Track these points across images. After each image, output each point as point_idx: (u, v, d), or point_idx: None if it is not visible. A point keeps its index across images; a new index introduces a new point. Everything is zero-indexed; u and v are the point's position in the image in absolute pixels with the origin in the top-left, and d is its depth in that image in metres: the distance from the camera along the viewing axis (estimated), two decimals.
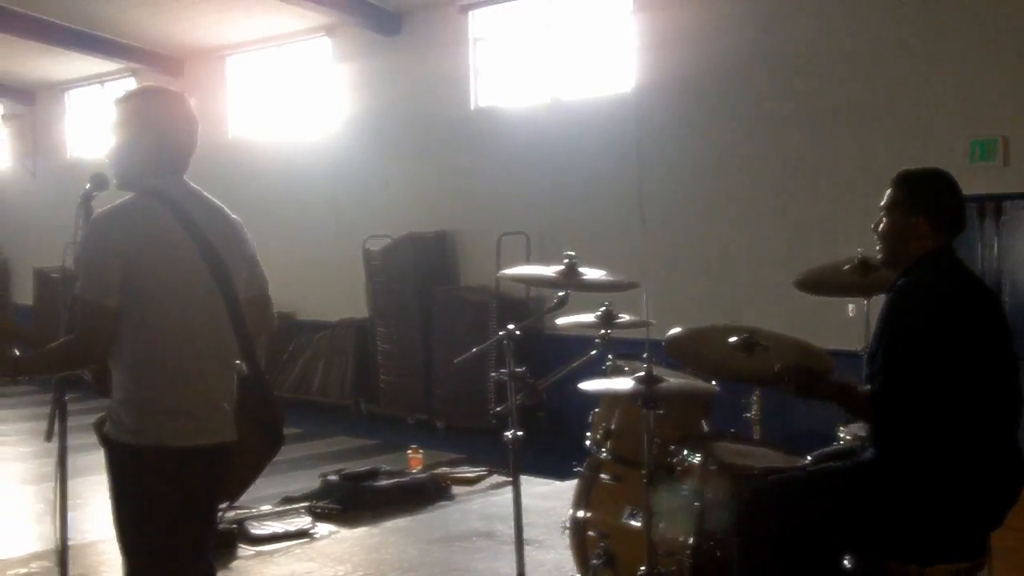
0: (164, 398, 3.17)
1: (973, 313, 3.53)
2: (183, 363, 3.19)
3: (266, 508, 6.74)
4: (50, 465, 3.68)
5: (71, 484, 3.70)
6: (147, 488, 3.16)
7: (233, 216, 3.41)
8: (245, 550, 6.09)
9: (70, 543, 3.83)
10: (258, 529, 6.32)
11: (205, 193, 3.37)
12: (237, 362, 3.33)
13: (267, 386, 3.49)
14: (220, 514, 3.45)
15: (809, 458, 4.13)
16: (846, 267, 4.88)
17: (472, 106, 11.52)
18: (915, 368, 3.40)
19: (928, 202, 3.60)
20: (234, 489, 3.42)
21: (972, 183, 7.41)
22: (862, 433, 4.03)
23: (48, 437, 3.57)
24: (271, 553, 6.05)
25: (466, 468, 8.07)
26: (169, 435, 3.16)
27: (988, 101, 7.98)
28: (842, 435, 4.55)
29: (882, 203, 3.70)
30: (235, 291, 3.29)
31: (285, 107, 13.63)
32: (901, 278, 3.63)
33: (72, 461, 3.67)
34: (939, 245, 3.60)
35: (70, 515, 3.75)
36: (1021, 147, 7.67)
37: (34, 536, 6.52)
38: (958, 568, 3.63)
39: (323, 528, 6.54)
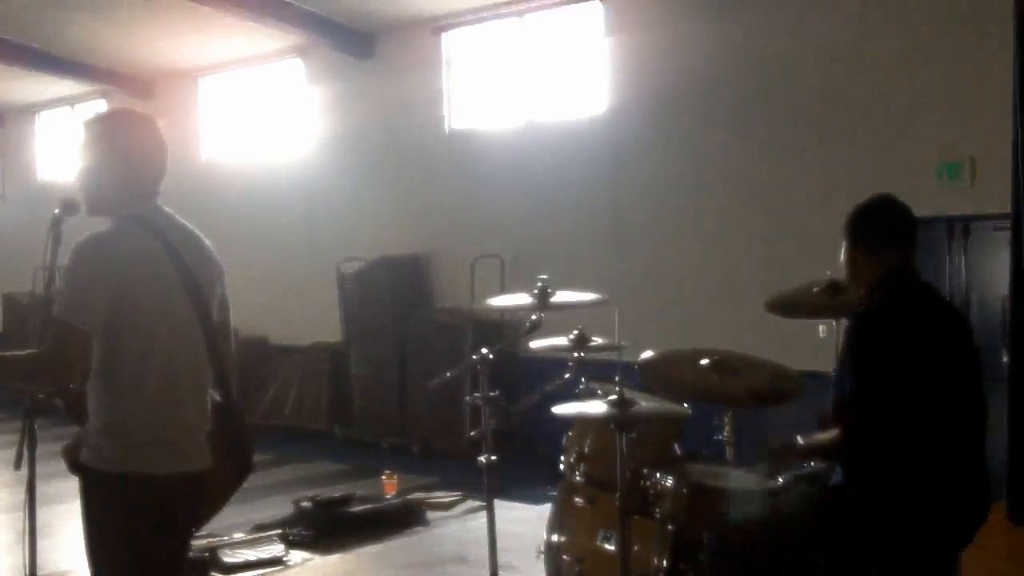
0: (145, 426, 3.15)
1: (938, 334, 3.57)
2: (164, 391, 3.17)
3: (238, 536, 6.68)
4: (19, 494, 3.64)
5: (40, 513, 3.67)
6: (124, 516, 3.13)
7: (206, 241, 3.40)
8: None
9: (40, 573, 3.79)
10: (230, 557, 6.27)
11: (178, 217, 3.35)
12: (211, 389, 3.32)
13: (241, 413, 3.47)
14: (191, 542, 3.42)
15: (781, 480, 4.14)
16: (816, 289, 4.92)
17: (446, 129, 11.52)
18: (882, 391, 3.43)
19: (860, 231, 3.79)
20: (203, 517, 3.39)
21: (940, 204, 7.48)
22: None
23: (17, 465, 3.54)
24: None
25: (441, 493, 8.05)
26: (148, 463, 3.13)
27: (956, 122, 8.05)
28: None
29: None
30: (211, 317, 3.29)
31: (258, 129, 13.60)
32: (862, 302, 3.68)
33: (42, 489, 3.63)
34: (893, 266, 3.67)
35: (40, 544, 3.71)
36: (988, 168, 7.73)
37: (3, 567, 6.44)
38: None
39: (296, 555, 6.50)
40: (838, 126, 8.69)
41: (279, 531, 6.84)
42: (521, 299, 4.66)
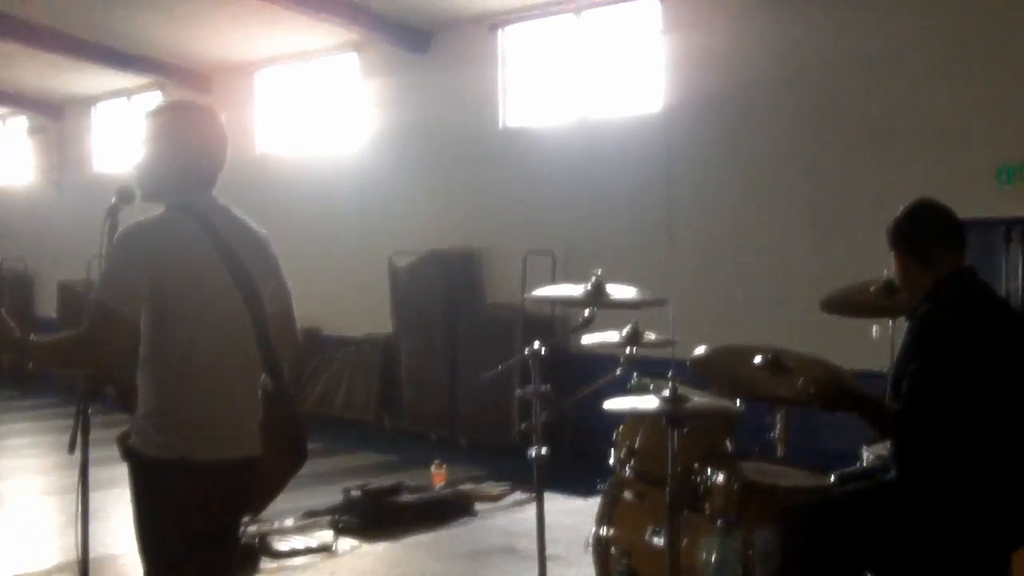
0: (191, 412, 3.18)
1: (996, 335, 3.53)
2: (211, 378, 3.20)
3: (288, 522, 6.76)
4: (72, 477, 3.71)
5: (93, 496, 3.73)
6: (171, 501, 3.16)
7: (261, 231, 3.42)
8: (267, 564, 6.10)
9: (91, 555, 3.85)
10: (280, 543, 6.34)
11: (234, 208, 3.38)
12: (263, 377, 3.34)
13: (292, 401, 3.50)
14: (242, 528, 3.45)
15: (833, 477, 4.12)
16: (872, 288, 4.87)
17: (500, 125, 11.54)
18: (940, 391, 3.39)
19: (905, 240, 3.74)
20: (257, 504, 3.42)
21: (998, 207, 7.38)
22: (885, 453, 4.01)
23: (71, 449, 3.60)
24: (293, 567, 6.07)
25: (489, 484, 8.07)
26: (195, 448, 3.16)
27: (1016, 123, 7.94)
28: (866, 455, 4.53)
29: None
30: (262, 307, 3.30)
31: (313, 123, 13.70)
32: (923, 304, 3.63)
33: (94, 473, 3.70)
34: (948, 270, 3.62)
35: (91, 527, 3.78)
36: None
37: (55, 548, 6.55)
38: None
39: (345, 543, 6.55)
40: (895, 127, 8.60)
41: (329, 518, 6.90)
42: (574, 291, 4.65)
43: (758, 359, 4.12)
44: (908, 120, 8.54)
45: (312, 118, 13.69)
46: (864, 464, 4.44)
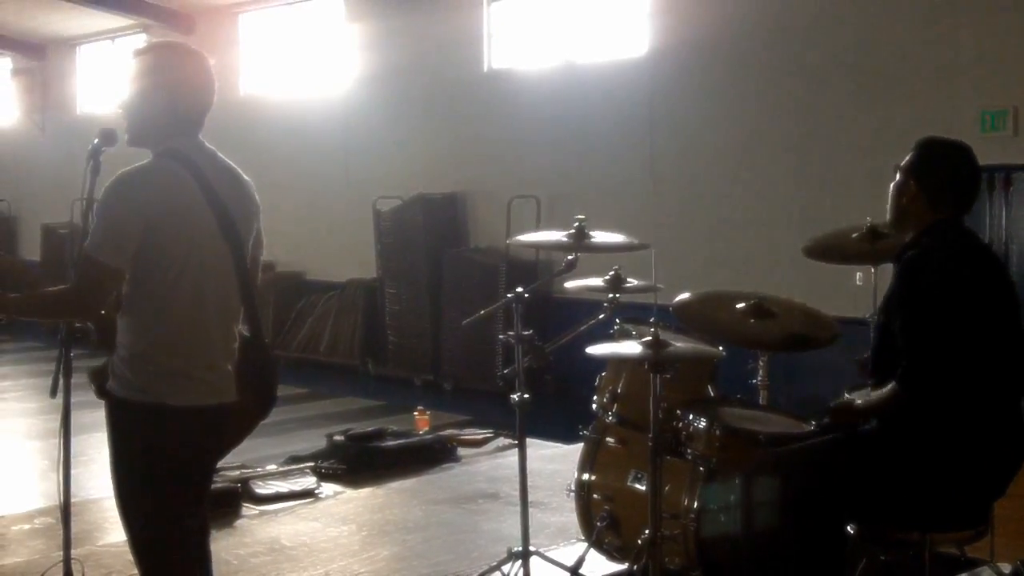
0: (171, 358, 3.16)
1: (980, 281, 3.52)
2: (192, 325, 3.18)
3: (271, 467, 6.74)
4: (54, 421, 3.69)
5: (75, 441, 3.71)
6: (147, 445, 3.16)
7: (245, 177, 3.39)
8: (249, 509, 6.10)
9: (73, 500, 3.85)
10: (262, 488, 6.33)
11: (219, 154, 3.34)
12: (239, 324, 3.33)
13: (267, 349, 3.48)
14: (220, 473, 3.45)
15: (814, 424, 4.13)
16: (855, 235, 4.85)
17: (485, 68, 11.46)
18: (926, 336, 3.39)
19: (927, 170, 3.61)
20: (225, 448, 3.42)
21: (982, 153, 7.36)
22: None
23: (53, 393, 3.58)
24: (275, 512, 6.07)
25: (473, 430, 8.08)
26: (173, 394, 3.15)
27: (1000, 71, 7.93)
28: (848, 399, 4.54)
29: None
30: (245, 255, 3.28)
31: (297, 66, 13.57)
32: (908, 250, 3.60)
33: (76, 418, 3.68)
34: (942, 216, 3.58)
35: (73, 472, 3.76)
36: None
37: (38, 493, 6.55)
38: (961, 536, 3.64)
39: (328, 488, 6.55)
40: (879, 75, 8.58)
41: (312, 464, 6.90)
42: (557, 236, 4.62)
43: (741, 305, 4.12)
44: (892, 67, 8.51)
45: (297, 61, 13.56)
46: None
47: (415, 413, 8.24)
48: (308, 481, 6.56)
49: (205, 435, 3.23)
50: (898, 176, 3.66)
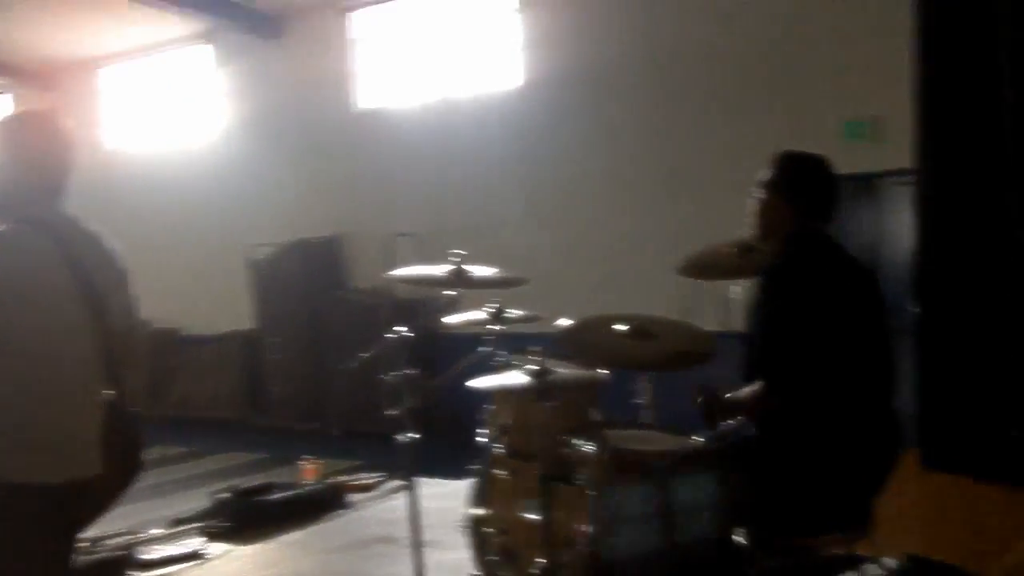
0: (30, 431, 3.04)
1: (847, 289, 3.59)
2: (51, 396, 3.06)
3: (156, 531, 6.54)
4: None
5: None
6: (10, 523, 3.02)
7: (110, 244, 3.30)
8: None
9: None
10: (148, 554, 6.12)
11: (81, 221, 3.26)
12: (105, 392, 3.22)
13: (132, 417, 3.35)
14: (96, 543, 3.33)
15: (699, 440, 4.15)
16: (727, 250, 4.91)
17: (355, 108, 11.40)
18: (792, 345, 3.43)
19: (790, 185, 3.71)
20: (89, 519, 3.30)
21: (846, 162, 7.56)
22: None
23: None
24: None
25: (362, 475, 7.96)
26: (34, 471, 3.02)
27: (859, 82, 8.17)
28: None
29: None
30: (109, 320, 3.19)
31: (165, 116, 13.32)
32: (774, 260, 3.67)
33: None
34: (805, 228, 3.65)
35: None
36: (892, 126, 7.85)
37: None
38: (846, 536, 3.69)
39: (216, 548, 6.37)
40: (744, 93, 8.79)
41: (198, 524, 6.71)
42: (436, 271, 4.59)
43: (621, 327, 4.13)
44: (758, 81, 8.73)
45: (165, 111, 13.31)
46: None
47: (301, 462, 8.07)
48: (195, 542, 6.37)
49: (69, 510, 3.12)
50: (763, 192, 3.73)
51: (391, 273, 5.34)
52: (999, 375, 6.20)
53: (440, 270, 4.59)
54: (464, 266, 4.53)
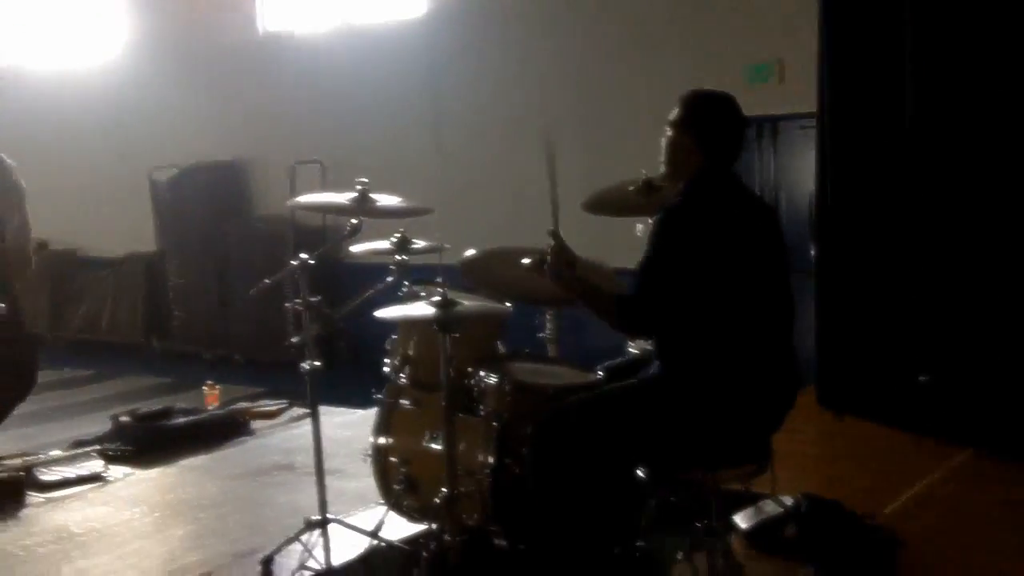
0: None
1: (745, 225, 3.67)
2: None
3: (55, 453, 6.46)
4: None
5: None
6: None
7: (8, 161, 3.23)
8: (34, 497, 5.83)
9: None
10: (47, 475, 6.06)
11: None
12: None
13: (23, 328, 3.32)
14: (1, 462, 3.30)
15: (599, 371, 4.25)
16: (631, 188, 5.00)
17: (260, 31, 11.19)
18: (689, 281, 3.51)
19: (698, 122, 3.73)
20: None
21: (750, 104, 7.68)
22: (649, 347, 4.16)
23: None
24: (62, 499, 5.83)
25: (265, 402, 7.94)
26: None
27: (763, 25, 8.26)
28: (632, 349, 4.70)
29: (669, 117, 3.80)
30: (1, 238, 3.13)
31: (62, 32, 12.91)
32: (677, 198, 3.73)
33: None
34: (711, 166, 3.71)
35: None
36: (795, 69, 7.97)
37: None
38: (743, 471, 3.82)
39: (116, 471, 6.32)
40: (651, 31, 8.81)
41: (98, 447, 6.65)
42: (340, 198, 4.57)
43: (526, 261, 4.19)
44: (664, 21, 8.76)
45: (61, 26, 12.89)
46: (629, 356, 4.59)
47: (204, 388, 8.04)
48: (95, 465, 6.32)
49: None
50: (671, 130, 3.77)
51: (295, 200, 5.31)
52: (903, 320, 6.35)
53: (343, 197, 4.57)
54: (368, 194, 4.51)
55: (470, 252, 4.56)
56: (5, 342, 3.21)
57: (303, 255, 4.48)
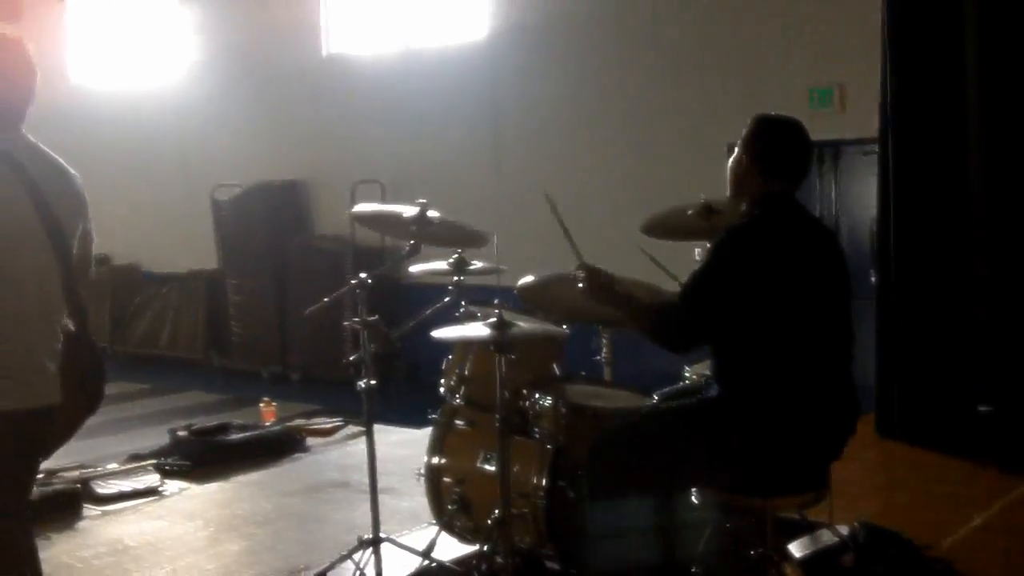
0: None
1: (807, 251, 3.64)
2: (12, 324, 3.06)
3: (112, 466, 6.55)
4: None
5: None
6: None
7: (71, 171, 3.28)
8: (91, 510, 5.91)
9: None
10: (104, 488, 6.13)
11: (43, 147, 3.22)
12: (65, 321, 3.22)
13: (93, 345, 3.36)
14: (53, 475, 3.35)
15: (656, 397, 4.22)
16: (690, 211, 4.97)
17: (324, 53, 11.31)
18: (749, 302, 3.48)
19: (757, 145, 3.72)
20: (50, 448, 3.32)
21: (811, 129, 7.65)
22: (707, 372, 4.13)
23: None
24: (118, 512, 5.90)
25: (321, 419, 7.99)
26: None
27: (825, 50, 8.22)
28: (688, 374, 4.66)
29: None
30: (70, 250, 3.18)
31: (130, 52, 13.14)
32: (739, 220, 3.71)
33: None
34: (773, 190, 3.68)
35: None
36: (857, 94, 7.91)
37: None
38: (801, 499, 3.77)
39: (173, 485, 6.39)
40: (712, 56, 8.80)
41: (155, 461, 6.72)
42: (403, 209, 4.61)
43: (582, 284, 4.17)
44: (724, 46, 8.74)
45: (129, 47, 13.13)
46: (687, 382, 4.56)
47: (261, 405, 8.10)
48: (151, 479, 6.39)
49: (25, 439, 3.12)
50: (737, 150, 3.77)
51: (355, 209, 5.35)
52: (963, 348, 6.26)
53: (404, 210, 4.61)
54: (427, 210, 4.55)
55: (527, 277, 4.58)
56: (76, 360, 3.24)
57: (362, 274, 4.51)
